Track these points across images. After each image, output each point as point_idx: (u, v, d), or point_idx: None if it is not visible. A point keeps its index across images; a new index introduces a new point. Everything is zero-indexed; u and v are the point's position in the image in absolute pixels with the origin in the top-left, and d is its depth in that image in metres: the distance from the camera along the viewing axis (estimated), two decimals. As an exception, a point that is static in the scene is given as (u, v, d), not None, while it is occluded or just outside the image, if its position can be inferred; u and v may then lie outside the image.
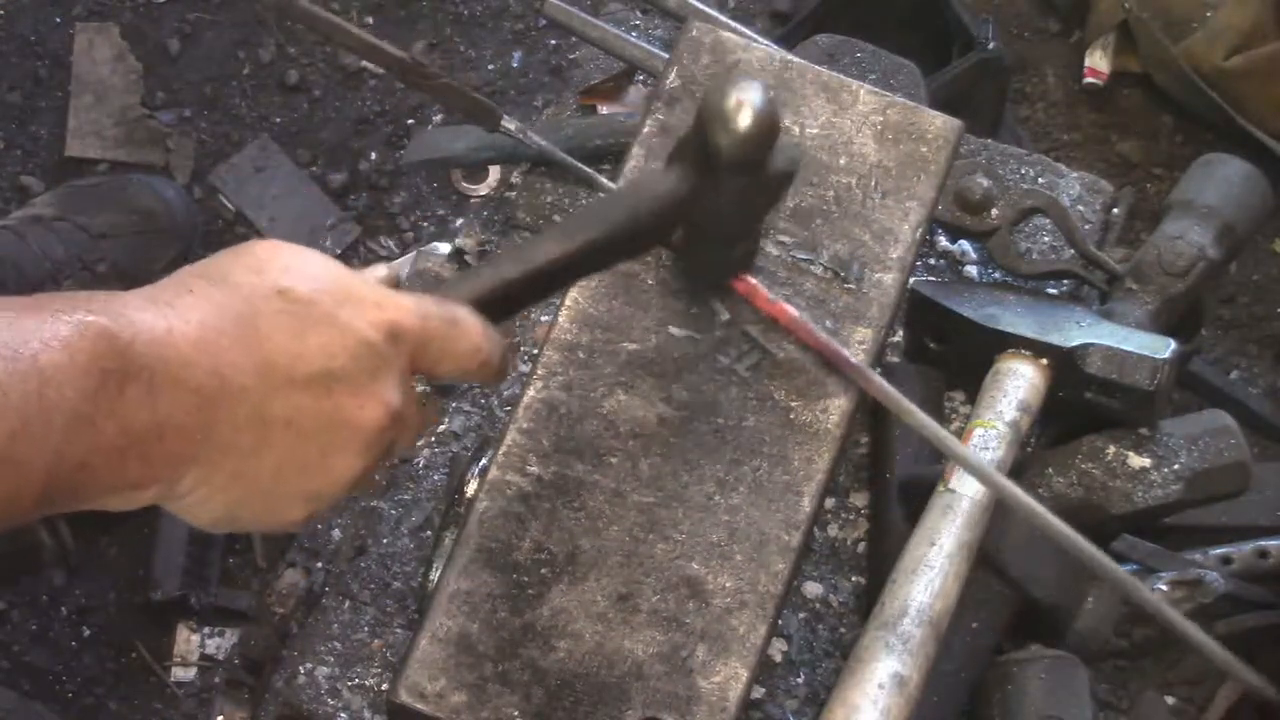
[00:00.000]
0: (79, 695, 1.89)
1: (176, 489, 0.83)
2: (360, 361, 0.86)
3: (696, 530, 1.11)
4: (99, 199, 1.97)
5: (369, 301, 0.87)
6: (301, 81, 2.20)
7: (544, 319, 1.46)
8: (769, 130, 0.98)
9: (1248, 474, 1.32)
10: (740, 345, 1.17)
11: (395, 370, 0.88)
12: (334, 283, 0.87)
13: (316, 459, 0.87)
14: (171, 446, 0.81)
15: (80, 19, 2.21)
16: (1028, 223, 1.50)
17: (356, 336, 0.86)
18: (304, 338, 0.84)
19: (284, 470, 0.86)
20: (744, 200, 1.04)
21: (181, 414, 0.80)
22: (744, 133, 0.97)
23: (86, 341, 0.76)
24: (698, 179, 1.00)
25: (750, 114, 0.97)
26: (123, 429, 0.78)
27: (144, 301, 0.81)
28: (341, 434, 0.87)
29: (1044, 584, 1.26)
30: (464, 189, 1.74)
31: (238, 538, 1.97)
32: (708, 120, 0.97)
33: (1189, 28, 2.09)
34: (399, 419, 0.89)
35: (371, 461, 0.89)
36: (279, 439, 0.85)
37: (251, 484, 0.85)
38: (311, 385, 0.85)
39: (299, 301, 0.85)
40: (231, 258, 0.87)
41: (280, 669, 1.37)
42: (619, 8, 1.72)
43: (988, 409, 1.28)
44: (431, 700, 1.06)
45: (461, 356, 0.93)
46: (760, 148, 0.99)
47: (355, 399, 0.86)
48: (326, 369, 0.85)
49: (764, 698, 1.32)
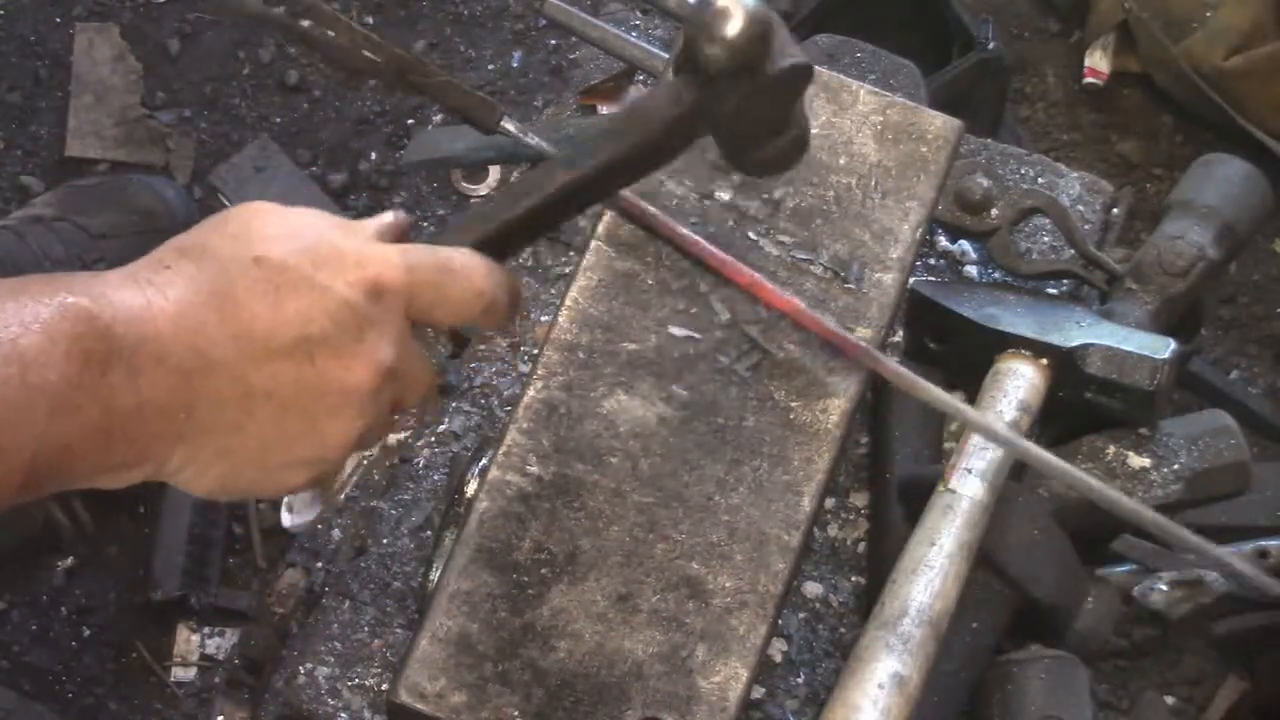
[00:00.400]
0: (79, 695, 1.89)
1: (165, 467, 0.82)
2: (342, 323, 0.84)
3: (696, 530, 1.11)
4: (99, 199, 1.97)
5: (348, 260, 0.85)
6: (301, 81, 2.20)
7: (544, 319, 1.46)
8: (761, 32, 0.93)
9: (1248, 474, 1.32)
10: (740, 345, 1.17)
11: (385, 327, 0.86)
12: (313, 243, 0.85)
13: (305, 426, 0.85)
14: (155, 426, 0.80)
15: (80, 19, 2.21)
16: (1028, 223, 1.50)
17: (336, 298, 0.84)
18: (281, 305, 0.83)
19: (272, 441, 0.85)
20: (754, 105, 0.98)
21: (163, 393, 0.79)
22: (731, 40, 0.92)
23: (67, 323, 0.76)
24: (697, 91, 0.96)
25: (739, 19, 0.92)
26: (105, 410, 0.77)
27: (123, 280, 0.81)
28: (329, 399, 0.85)
29: (1044, 584, 1.26)
30: (464, 189, 1.74)
31: (238, 538, 1.97)
32: (692, 32, 0.93)
33: (1189, 28, 2.09)
34: (393, 375, 0.87)
35: (372, 420, 0.87)
36: (262, 411, 0.83)
37: (240, 457, 0.84)
38: (292, 353, 0.83)
39: (275, 268, 0.83)
40: (211, 227, 0.86)
41: (280, 669, 1.37)
42: (619, 8, 1.72)
43: (988, 409, 1.28)
44: (431, 700, 1.06)
45: (460, 303, 0.90)
46: (755, 53, 0.93)
47: (339, 361, 0.84)
48: (304, 335, 0.83)
49: (764, 698, 1.32)
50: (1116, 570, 1.37)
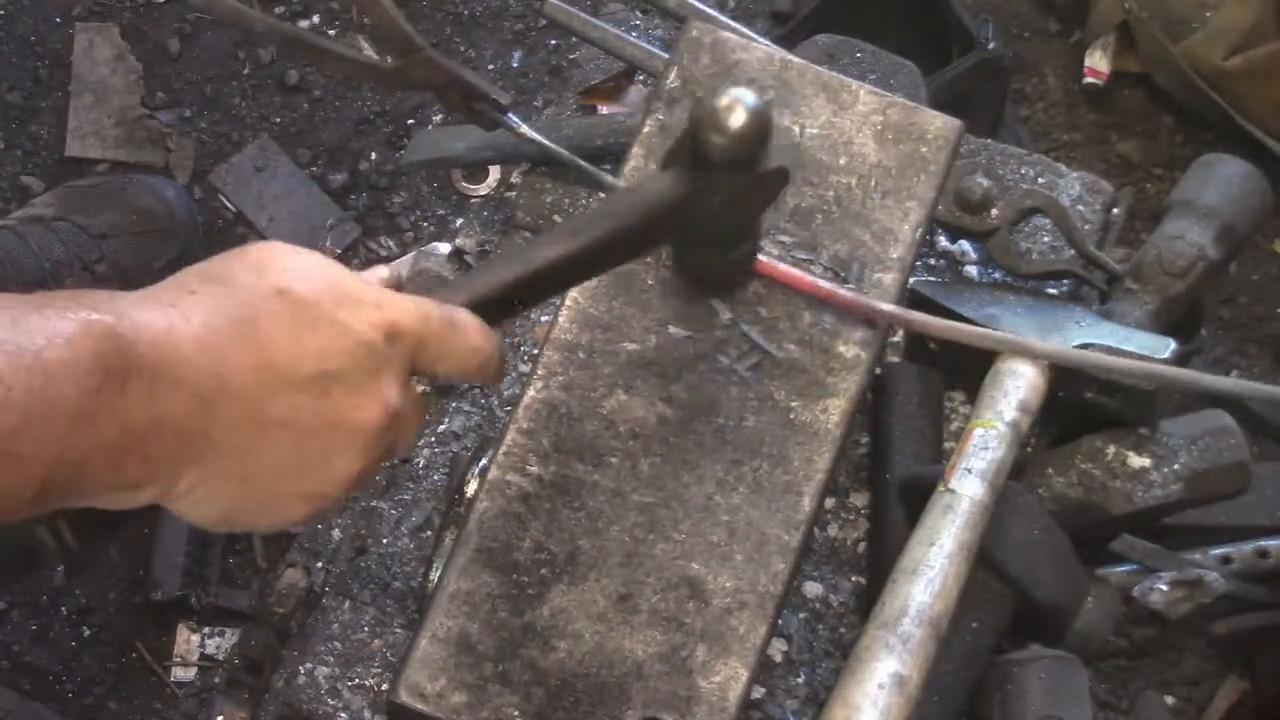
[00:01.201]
0: (79, 695, 1.89)
1: (174, 488, 0.83)
2: (358, 362, 0.87)
3: (696, 530, 1.11)
4: (99, 199, 1.97)
5: (368, 302, 0.88)
6: (301, 81, 2.20)
7: (544, 319, 1.46)
8: (761, 129, 0.98)
9: (1248, 474, 1.33)
10: (740, 345, 1.17)
11: (394, 370, 0.89)
12: (333, 284, 0.87)
13: (315, 459, 0.87)
14: (170, 446, 0.81)
15: (80, 19, 2.21)
16: (1028, 223, 1.50)
17: (355, 337, 0.86)
18: (302, 338, 0.85)
19: (282, 470, 0.86)
20: (740, 200, 1.04)
21: (181, 414, 0.81)
22: (736, 132, 0.97)
23: (91, 340, 0.77)
24: (692, 181, 1.01)
25: (743, 113, 0.97)
26: (123, 428, 0.78)
27: (147, 301, 0.82)
28: (340, 434, 0.87)
29: (1044, 584, 1.26)
30: (464, 189, 1.74)
31: (238, 538, 1.97)
32: (699, 120, 0.98)
33: (1189, 28, 2.09)
34: (398, 418, 0.89)
35: (371, 461, 0.90)
36: (276, 439, 0.85)
37: (249, 483, 0.86)
38: (309, 386, 0.85)
39: (298, 302, 0.85)
40: (232, 258, 0.87)
41: (280, 669, 1.37)
42: (619, 8, 1.72)
43: (988, 409, 1.28)
44: (431, 700, 1.06)
45: (460, 358, 0.93)
46: (753, 147, 0.99)
47: (353, 399, 0.87)
48: (324, 370, 0.85)
49: (764, 698, 1.32)
50: (1116, 570, 1.37)
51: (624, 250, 1.05)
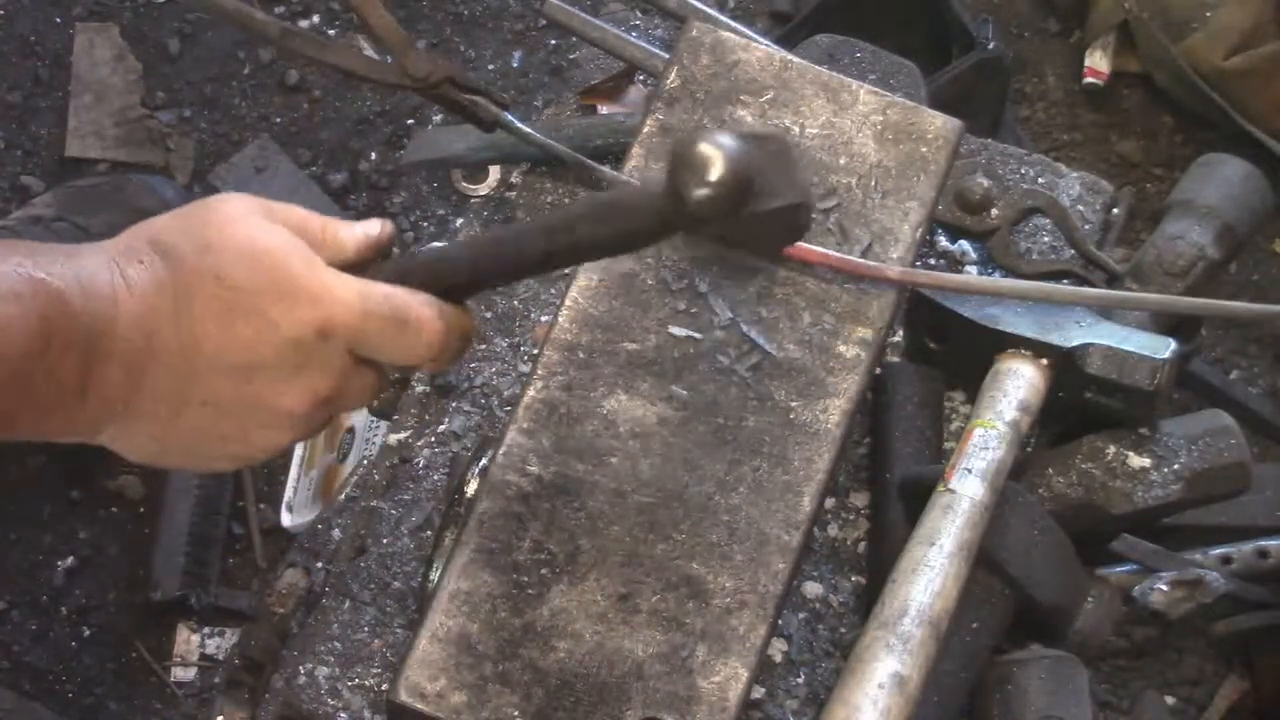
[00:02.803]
0: (79, 695, 1.89)
1: (98, 437, 0.88)
2: (284, 356, 0.88)
3: (696, 530, 1.11)
4: (99, 199, 1.97)
5: (304, 296, 0.88)
6: (301, 81, 2.20)
7: (544, 319, 1.46)
8: (741, 181, 0.91)
9: (1248, 474, 1.32)
10: (740, 345, 1.17)
11: (324, 363, 0.90)
12: (274, 271, 0.88)
13: (235, 433, 0.90)
14: (94, 410, 0.85)
15: (80, 19, 2.21)
16: (1028, 223, 1.50)
17: (283, 333, 0.88)
18: (232, 328, 0.87)
19: (202, 436, 0.90)
20: (738, 231, 1.00)
21: (108, 383, 0.84)
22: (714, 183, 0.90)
23: (38, 302, 0.80)
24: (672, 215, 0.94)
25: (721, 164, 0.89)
26: (55, 389, 0.82)
27: (99, 265, 0.85)
28: (260, 415, 0.90)
29: (1044, 584, 1.26)
30: (464, 189, 1.74)
31: (238, 538, 1.97)
32: (675, 170, 0.91)
33: (1189, 28, 2.08)
34: (328, 401, 0.91)
35: (300, 433, 0.92)
36: (196, 414, 0.88)
37: (169, 443, 0.90)
38: (233, 373, 0.88)
39: (234, 289, 0.87)
40: (186, 223, 0.89)
41: (280, 669, 1.37)
42: (619, 8, 1.72)
43: (988, 409, 1.28)
44: (431, 700, 1.06)
45: (406, 351, 0.94)
46: (733, 199, 0.91)
47: (274, 388, 0.89)
48: (248, 361, 0.88)
49: (764, 698, 1.32)
50: (1116, 570, 1.37)
51: (606, 252, 1.03)
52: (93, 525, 1.96)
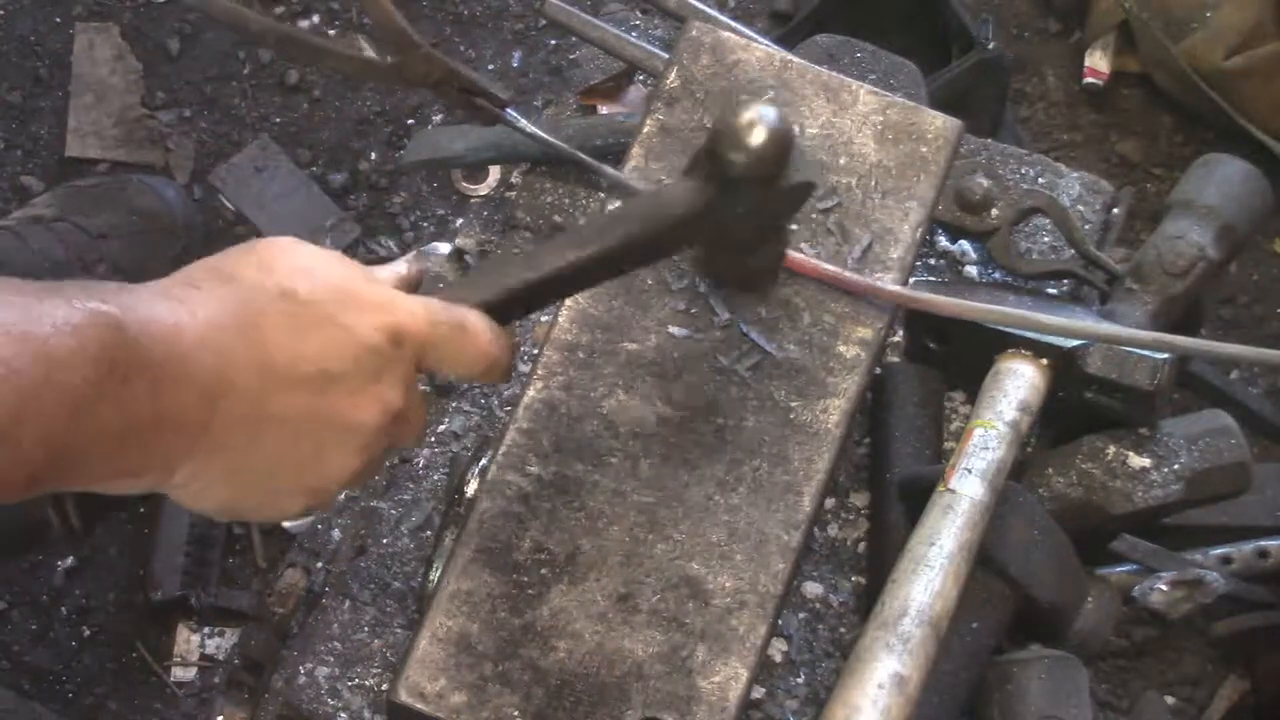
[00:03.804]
0: (79, 695, 1.89)
1: (172, 479, 0.85)
2: (360, 364, 0.88)
3: (696, 530, 1.11)
4: (99, 199, 1.97)
5: (373, 304, 0.89)
6: (301, 81, 2.20)
7: (544, 319, 1.46)
8: (783, 146, 0.97)
9: (1248, 474, 1.32)
10: (740, 345, 1.17)
11: (397, 373, 0.90)
12: (339, 284, 0.88)
13: (311, 456, 0.88)
14: (169, 439, 0.82)
15: (80, 19, 2.21)
16: (1028, 223, 1.50)
17: (357, 340, 0.87)
18: (304, 338, 0.86)
19: (279, 466, 0.88)
20: (762, 212, 1.03)
21: (181, 408, 0.82)
22: (756, 150, 0.96)
23: (96, 330, 0.78)
24: (713, 193, 1.00)
25: (764, 131, 0.96)
26: (124, 418, 0.79)
27: (155, 296, 0.83)
28: (336, 433, 0.88)
29: (1044, 584, 1.26)
30: (464, 189, 1.74)
31: (238, 538, 1.97)
32: (720, 137, 0.97)
33: (1189, 28, 2.09)
34: (399, 418, 0.90)
35: (370, 459, 0.91)
36: (274, 436, 0.86)
37: (247, 477, 0.87)
38: (308, 385, 0.86)
39: (302, 302, 0.86)
40: (241, 254, 0.89)
41: (280, 669, 1.37)
42: (619, 8, 1.72)
43: (988, 409, 1.28)
44: (431, 700, 1.06)
45: (468, 361, 0.94)
46: (774, 164, 0.98)
47: (350, 400, 0.88)
48: (324, 370, 0.86)
49: (764, 698, 1.32)
50: (1116, 570, 1.37)
51: (639, 257, 1.04)
52: (93, 525, 1.96)
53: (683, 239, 1.06)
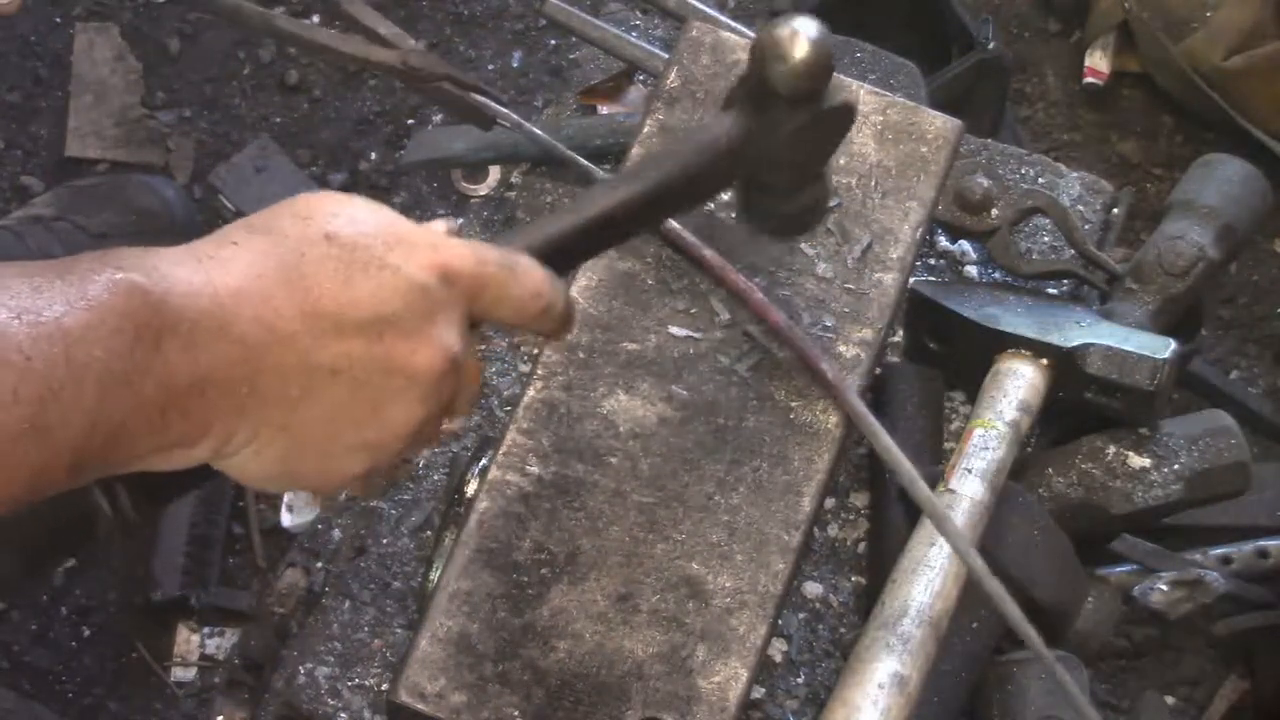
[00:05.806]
0: (79, 695, 1.89)
1: (227, 446, 0.80)
2: (413, 305, 0.83)
3: (696, 530, 1.11)
4: (98, 199, 1.97)
5: (422, 244, 0.84)
6: (301, 81, 2.20)
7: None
8: (825, 59, 0.96)
9: (1248, 474, 1.33)
10: (740, 345, 1.17)
11: (452, 313, 0.85)
12: (384, 227, 0.83)
13: (369, 408, 0.83)
14: (215, 400, 0.77)
15: (80, 19, 2.21)
16: (1028, 223, 1.50)
17: (409, 279, 0.82)
18: (353, 283, 0.81)
19: (336, 421, 0.82)
20: (804, 139, 1.01)
21: (225, 366, 0.77)
22: (800, 62, 0.95)
23: (116, 298, 0.74)
24: (755, 119, 0.98)
25: (806, 43, 0.94)
26: (161, 385, 0.75)
27: (181, 255, 0.78)
28: (395, 381, 0.83)
29: (1044, 584, 1.26)
30: (464, 189, 1.74)
31: (238, 538, 1.97)
32: (763, 53, 0.95)
33: (1189, 28, 2.09)
34: (457, 365, 0.85)
35: (431, 412, 0.86)
36: (328, 388, 0.81)
37: (302, 436, 0.82)
38: (362, 331, 0.81)
39: (347, 246, 0.81)
40: (278, 210, 0.84)
41: (280, 669, 1.37)
42: (619, 8, 1.72)
43: (988, 409, 1.28)
44: (431, 700, 1.06)
45: (522, 301, 0.89)
46: (818, 78, 0.97)
47: (408, 344, 0.83)
48: (377, 314, 0.81)
49: (764, 698, 1.32)
50: (1116, 570, 1.37)
51: (686, 195, 1.01)
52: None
53: (727, 173, 1.03)
